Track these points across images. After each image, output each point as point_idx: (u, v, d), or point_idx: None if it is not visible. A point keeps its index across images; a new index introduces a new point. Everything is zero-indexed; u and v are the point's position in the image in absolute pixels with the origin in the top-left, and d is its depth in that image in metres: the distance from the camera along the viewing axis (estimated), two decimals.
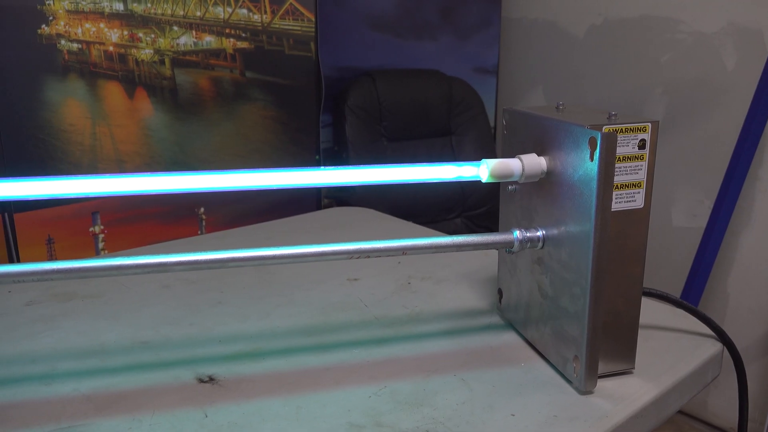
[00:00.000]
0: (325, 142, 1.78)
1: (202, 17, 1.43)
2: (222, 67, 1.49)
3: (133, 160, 1.38)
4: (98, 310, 0.77)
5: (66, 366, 0.64)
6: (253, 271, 0.89)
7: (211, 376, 0.62)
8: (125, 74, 1.34)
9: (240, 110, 1.54)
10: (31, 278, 0.53)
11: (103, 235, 1.36)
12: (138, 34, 1.35)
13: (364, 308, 0.78)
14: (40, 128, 1.24)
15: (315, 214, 1.24)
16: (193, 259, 0.57)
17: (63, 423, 0.54)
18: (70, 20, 1.25)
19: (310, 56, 1.63)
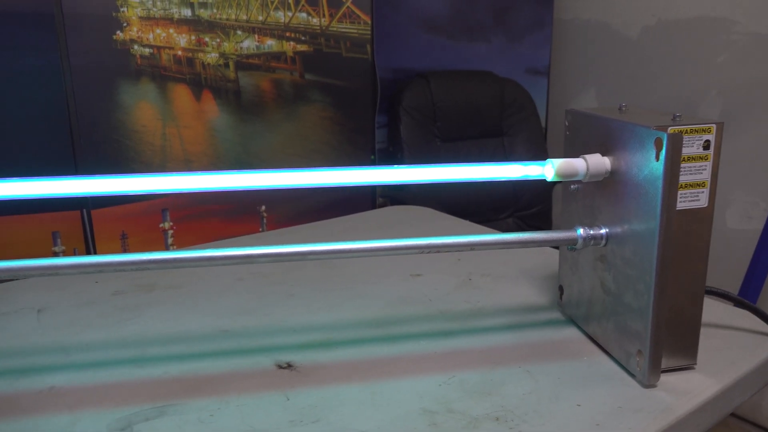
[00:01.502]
0: (380, 143, 1.82)
1: (264, 21, 1.49)
2: (282, 70, 1.54)
3: (200, 160, 1.45)
4: (179, 300, 0.83)
5: (155, 351, 0.69)
6: (318, 266, 0.94)
7: (289, 362, 0.66)
8: (192, 77, 1.41)
9: (299, 111, 1.59)
10: (131, 267, 0.58)
11: (172, 231, 1.43)
12: (204, 39, 1.41)
13: (429, 302, 0.81)
14: (115, 129, 1.32)
15: (375, 212, 1.28)
16: (277, 252, 0.61)
17: (158, 402, 0.59)
18: (143, 26, 1.32)
19: (366, 58, 1.66)
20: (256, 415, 0.57)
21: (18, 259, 0.59)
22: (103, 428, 0.55)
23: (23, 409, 0.58)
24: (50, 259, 0.61)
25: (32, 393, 0.61)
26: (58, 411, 0.58)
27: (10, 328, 0.75)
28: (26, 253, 1.28)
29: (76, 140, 1.27)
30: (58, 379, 0.63)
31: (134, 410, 0.58)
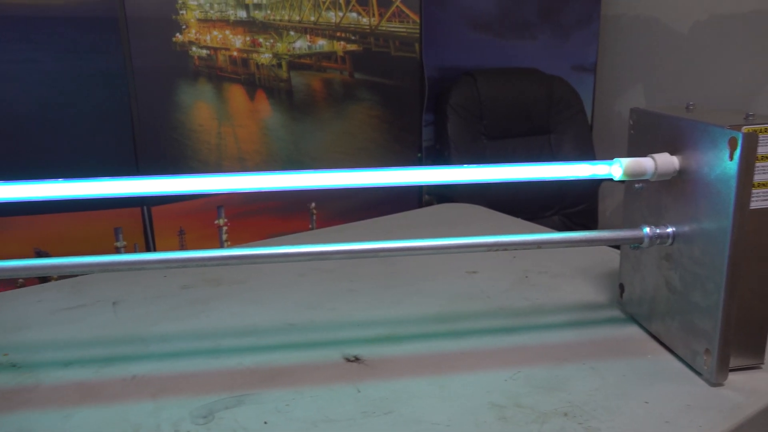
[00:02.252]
0: (427, 140, 1.83)
1: (316, 22, 1.51)
2: (333, 69, 1.57)
3: (253, 158, 1.49)
4: (245, 294, 0.85)
5: (228, 342, 0.72)
6: (376, 263, 0.95)
7: (357, 356, 0.68)
8: (247, 77, 1.44)
9: (348, 110, 1.62)
10: (213, 263, 0.61)
11: (227, 227, 1.47)
12: (259, 40, 1.44)
13: (487, 299, 0.82)
14: (174, 128, 1.36)
15: (427, 210, 1.29)
16: (347, 249, 0.63)
17: (235, 392, 0.62)
18: (201, 28, 1.36)
19: (415, 57, 1.68)
20: (330, 406, 0.59)
21: (97, 255, 0.62)
22: (186, 415, 0.58)
23: (109, 397, 0.61)
24: (133, 254, 0.64)
25: (116, 381, 0.64)
26: (143, 398, 0.61)
27: (88, 320, 0.79)
28: (90, 248, 1.33)
29: (137, 139, 1.31)
30: (140, 369, 0.66)
31: (214, 399, 0.60)
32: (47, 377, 0.65)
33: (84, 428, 0.56)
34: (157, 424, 0.57)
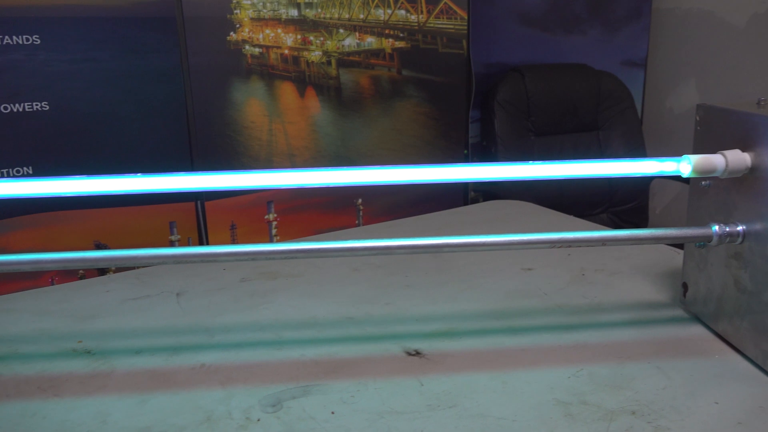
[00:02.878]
0: (473, 137, 1.82)
1: (365, 19, 1.52)
2: (381, 66, 1.58)
3: (302, 154, 1.51)
4: (301, 288, 0.87)
5: (290, 334, 0.73)
6: (429, 258, 0.96)
7: (417, 350, 0.68)
8: (297, 75, 1.46)
9: (395, 107, 1.62)
10: (280, 256, 0.63)
11: (276, 222, 1.49)
12: (309, 38, 1.46)
13: (544, 296, 0.82)
14: (227, 125, 1.39)
15: (477, 207, 1.29)
16: (413, 244, 0.64)
17: (301, 382, 0.63)
18: (254, 27, 1.39)
19: (462, 53, 1.67)
20: (394, 399, 0.59)
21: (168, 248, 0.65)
22: (255, 403, 0.59)
23: (180, 383, 0.63)
24: (204, 247, 0.66)
25: (186, 369, 0.66)
26: (212, 386, 0.63)
27: (154, 310, 0.81)
28: (146, 242, 1.37)
29: (192, 135, 1.35)
30: (207, 358, 0.68)
31: (281, 388, 0.62)
32: (121, 364, 0.67)
33: (158, 413, 0.58)
34: (228, 411, 0.58)
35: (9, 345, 0.72)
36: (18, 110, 1.21)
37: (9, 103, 1.20)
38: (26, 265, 0.66)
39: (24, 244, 1.28)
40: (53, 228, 1.31)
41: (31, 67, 1.20)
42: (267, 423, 0.56)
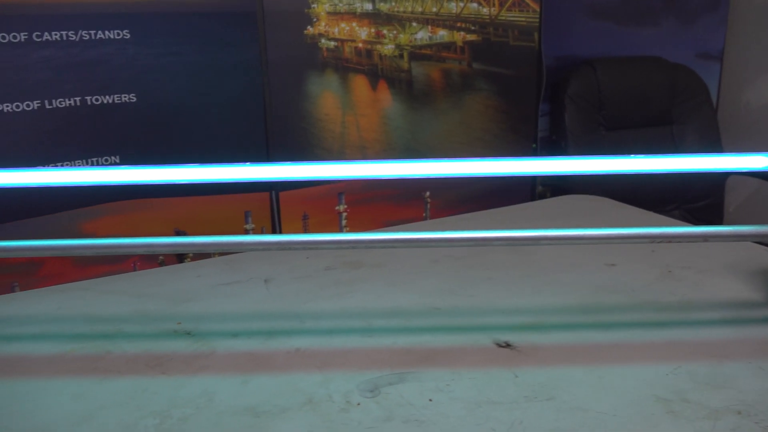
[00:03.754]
0: (542, 131, 1.80)
1: (438, 12, 1.52)
2: (452, 60, 1.58)
3: (373, 147, 1.52)
4: (384, 277, 0.88)
5: (379, 322, 0.75)
6: (509, 252, 0.96)
7: (507, 342, 0.69)
8: (370, 68, 1.48)
9: (465, 100, 1.62)
10: (377, 245, 0.64)
11: (346, 213, 1.51)
12: (383, 31, 1.48)
13: (631, 292, 0.81)
14: (302, 118, 1.42)
15: (551, 201, 1.28)
16: (511, 236, 0.64)
17: (396, 369, 0.64)
18: (329, 21, 1.41)
19: (533, 46, 1.66)
20: (489, 389, 0.60)
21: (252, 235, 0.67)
22: (354, 388, 0.61)
23: (279, 366, 0.66)
24: (284, 235, 0.68)
25: (282, 352, 0.69)
26: (310, 370, 0.65)
27: (245, 295, 0.84)
28: (221, 230, 1.41)
29: (269, 127, 1.38)
30: (301, 342, 0.70)
31: (377, 375, 0.63)
32: (220, 345, 0.70)
33: (261, 394, 0.61)
34: (328, 395, 0.60)
35: (114, 324, 0.76)
36: (108, 102, 1.27)
37: (99, 95, 1.26)
38: (139, 249, 0.70)
39: (109, 230, 1.34)
40: (135, 215, 1.36)
41: (120, 61, 1.25)
42: (367, 407, 0.58)
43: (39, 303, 0.83)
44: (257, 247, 0.71)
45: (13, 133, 1.20)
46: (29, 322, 0.78)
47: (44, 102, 1.22)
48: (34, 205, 1.24)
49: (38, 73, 1.20)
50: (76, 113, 1.25)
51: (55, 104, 1.23)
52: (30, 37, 1.18)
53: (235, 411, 0.58)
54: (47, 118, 1.23)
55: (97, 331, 0.74)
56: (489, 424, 0.55)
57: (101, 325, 0.75)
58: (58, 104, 1.23)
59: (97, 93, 1.26)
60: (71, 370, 0.66)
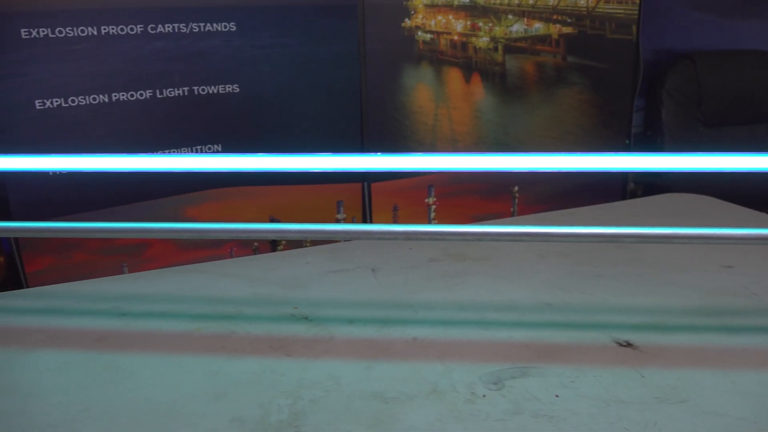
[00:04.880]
0: (636, 127, 1.75)
1: (534, 5, 1.50)
2: (546, 53, 1.55)
3: (464, 140, 1.52)
4: (491, 271, 0.88)
5: (492, 316, 0.75)
6: (615, 249, 0.94)
7: (628, 341, 0.68)
8: (465, 61, 1.47)
9: (558, 94, 1.59)
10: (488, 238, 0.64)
11: (435, 206, 1.52)
12: (478, 24, 1.47)
13: (753, 296, 0.78)
14: (397, 110, 1.43)
15: (655, 199, 1.25)
16: (626, 233, 0.63)
17: (516, 363, 0.64)
18: (427, 13, 1.41)
19: (630, 39, 1.61)
20: (616, 388, 0.59)
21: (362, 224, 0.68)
22: (476, 380, 0.61)
23: (399, 354, 0.67)
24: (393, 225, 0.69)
25: (400, 341, 0.70)
26: (430, 359, 0.66)
27: (354, 283, 0.86)
28: (313, 219, 1.44)
29: (364, 119, 1.40)
30: (418, 332, 0.71)
31: (498, 367, 0.63)
32: (338, 331, 0.72)
33: (386, 380, 0.62)
34: (452, 385, 0.61)
35: (234, 306, 0.79)
36: (213, 92, 1.32)
37: (205, 86, 1.31)
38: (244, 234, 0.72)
39: (210, 215, 1.39)
40: (234, 202, 1.41)
41: (225, 53, 1.30)
42: (493, 399, 0.58)
43: (161, 283, 0.88)
44: (384, 236, 0.72)
45: (127, 121, 1.26)
46: (154, 300, 0.82)
47: (155, 92, 1.28)
48: (143, 189, 1.31)
49: (151, 64, 1.26)
50: (183, 103, 1.31)
51: (165, 94, 1.29)
52: (145, 30, 1.23)
53: (362, 396, 0.59)
54: (157, 107, 1.28)
55: (219, 312, 0.78)
56: (622, 424, 0.54)
57: (222, 307, 0.79)
58: (168, 94, 1.29)
59: (203, 83, 1.31)
60: (200, 348, 0.69)
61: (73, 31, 1.18)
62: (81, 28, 1.19)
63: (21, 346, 0.69)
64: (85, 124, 1.23)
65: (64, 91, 1.20)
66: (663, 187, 1.72)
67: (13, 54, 1.14)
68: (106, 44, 1.21)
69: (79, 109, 1.21)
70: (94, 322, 0.75)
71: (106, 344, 0.70)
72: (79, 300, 0.82)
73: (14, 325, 0.76)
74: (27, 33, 1.14)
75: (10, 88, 1.14)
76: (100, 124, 1.24)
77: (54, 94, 1.19)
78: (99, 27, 1.20)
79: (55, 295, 0.86)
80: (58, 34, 1.17)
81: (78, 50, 1.20)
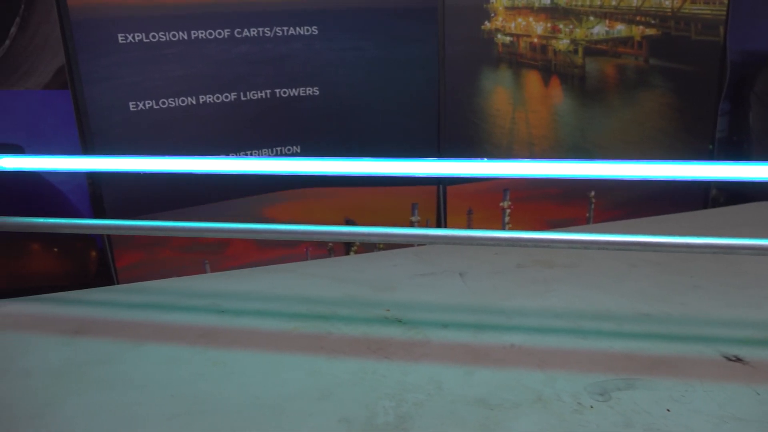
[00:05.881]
0: (720, 131, 1.68)
1: (617, 6, 1.47)
2: (628, 55, 1.51)
3: (540, 143, 1.50)
4: (582, 279, 0.87)
5: (589, 324, 0.74)
6: (712, 259, 0.91)
7: (737, 356, 0.65)
8: (544, 63, 1.45)
9: (639, 97, 1.55)
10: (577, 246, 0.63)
11: (509, 210, 1.50)
12: (559, 26, 1.44)
13: None
14: (474, 112, 1.42)
15: (740, 208, 1.20)
16: (712, 244, 0.61)
17: (621, 374, 0.63)
18: (507, 16, 1.40)
19: (717, 41, 1.55)
20: (731, 405, 0.57)
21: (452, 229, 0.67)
22: (581, 390, 0.60)
23: (498, 360, 0.67)
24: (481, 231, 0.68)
25: (497, 347, 0.69)
26: (530, 367, 0.65)
27: (442, 287, 0.86)
28: (387, 220, 1.45)
29: (441, 121, 1.40)
30: (514, 338, 0.71)
31: (602, 378, 0.62)
32: (433, 335, 0.72)
33: (488, 386, 0.62)
34: (556, 394, 0.60)
35: (328, 307, 0.80)
36: (293, 94, 1.34)
37: (287, 88, 1.33)
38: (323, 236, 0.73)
39: (287, 215, 1.41)
40: (310, 202, 1.43)
41: (307, 56, 1.32)
42: (601, 411, 0.57)
43: (253, 282, 0.90)
44: (500, 242, 0.72)
45: (213, 122, 1.30)
46: (249, 298, 0.84)
47: (239, 94, 1.31)
48: (225, 189, 1.34)
49: (237, 67, 1.29)
50: (265, 105, 1.33)
51: (249, 96, 1.32)
52: (232, 34, 1.27)
53: (466, 401, 0.59)
54: (241, 109, 1.32)
55: (313, 311, 0.79)
56: None
57: (316, 307, 0.80)
58: (251, 96, 1.32)
59: (285, 86, 1.34)
60: (300, 347, 0.71)
61: (166, 35, 1.22)
62: (173, 33, 1.23)
63: (129, 339, 0.72)
64: (173, 124, 1.27)
65: (155, 93, 1.24)
66: (747, 194, 1.65)
67: (111, 58, 1.18)
68: (195, 48, 1.25)
69: (169, 110, 1.26)
70: (194, 318, 0.78)
71: (209, 340, 0.72)
72: (178, 296, 0.86)
73: (120, 319, 0.79)
74: (123, 38, 1.18)
75: (107, 90, 1.19)
76: (188, 124, 1.28)
77: (146, 97, 1.23)
78: (189, 31, 1.24)
79: (153, 291, 0.89)
80: (151, 38, 1.21)
81: (169, 54, 1.24)
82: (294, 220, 1.42)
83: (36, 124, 1.23)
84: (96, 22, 1.17)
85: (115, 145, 1.21)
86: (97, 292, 0.90)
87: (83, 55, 1.17)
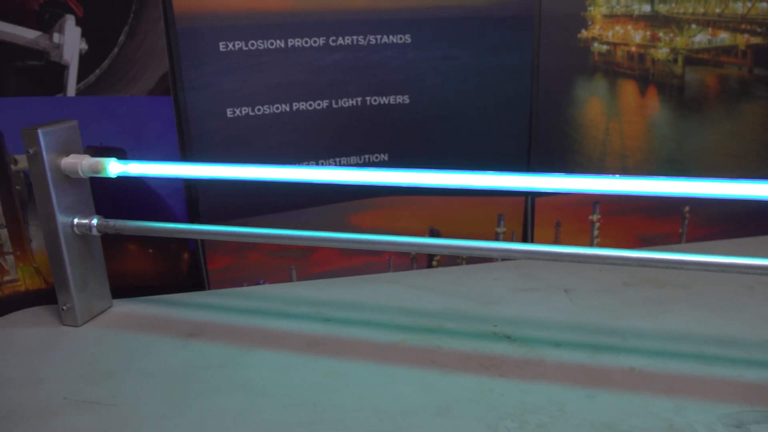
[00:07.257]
0: None
1: (721, 14, 1.41)
2: (731, 65, 1.44)
3: (634, 155, 1.45)
4: (697, 300, 0.83)
5: (711, 350, 0.70)
6: None
7: None
8: (641, 73, 1.41)
9: (740, 109, 1.48)
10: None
11: (599, 224, 1.46)
12: (658, 34, 1.39)
13: None
14: (567, 123, 1.39)
15: None
16: None
17: (756, 406, 0.59)
18: (604, 24, 1.36)
19: None
20: None
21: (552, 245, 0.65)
22: (715, 420, 0.57)
23: (619, 384, 0.64)
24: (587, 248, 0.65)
25: (615, 369, 0.67)
26: (656, 393, 0.62)
27: (548, 303, 0.84)
28: (472, 231, 1.43)
29: (533, 131, 1.37)
30: (634, 362, 0.68)
31: (737, 409, 0.59)
32: (546, 354, 0.70)
33: (613, 412, 0.59)
34: (689, 424, 0.57)
35: (434, 320, 0.79)
36: (384, 103, 1.34)
37: (377, 96, 1.34)
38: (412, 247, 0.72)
39: (372, 223, 1.42)
40: (396, 210, 1.43)
41: (399, 64, 1.32)
42: None
43: (355, 291, 0.90)
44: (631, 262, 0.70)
45: (305, 129, 1.31)
46: (353, 308, 0.84)
47: (331, 101, 1.32)
48: (314, 195, 1.36)
49: (330, 74, 1.30)
50: (356, 113, 1.34)
51: (341, 104, 1.33)
52: (327, 42, 1.28)
53: (592, 426, 0.57)
54: (333, 116, 1.33)
55: (419, 324, 0.78)
56: None
57: (422, 319, 0.79)
58: (343, 104, 1.33)
59: (376, 94, 1.34)
60: (410, 360, 0.70)
61: (264, 43, 1.25)
62: (270, 41, 1.25)
63: (241, 344, 0.73)
64: (268, 131, 1.29)
65: (251, 100, 1.27)
66: None
67: (212, 65, 1.22)
68: (290, 56, 1.27)
69: (264, 117, 1.28)
70: (301, 326, 0.79)
71: (318, 349, 0.73)
72: (282, 302, 0.87)
73: (229, 323, 0.81)
74: (224, 46, 1.22)
75: (207, 96, 1.23)
76: (281, 131, 1.30)
77: (243, 103, 1.26)
78: (286, 39, 1.26)
79: (257, 296, 0.91)
80: (250, 46, 1.24)
81: (266, 62, 1.27)
82: (379, 228, 1.42)
83: (139, 129, 1.28)
84: (200, 31, 1.21)
85: (212, 150, 1.25)
86: (204, 295, 0.93)
87: (186, 63, 1.21)
